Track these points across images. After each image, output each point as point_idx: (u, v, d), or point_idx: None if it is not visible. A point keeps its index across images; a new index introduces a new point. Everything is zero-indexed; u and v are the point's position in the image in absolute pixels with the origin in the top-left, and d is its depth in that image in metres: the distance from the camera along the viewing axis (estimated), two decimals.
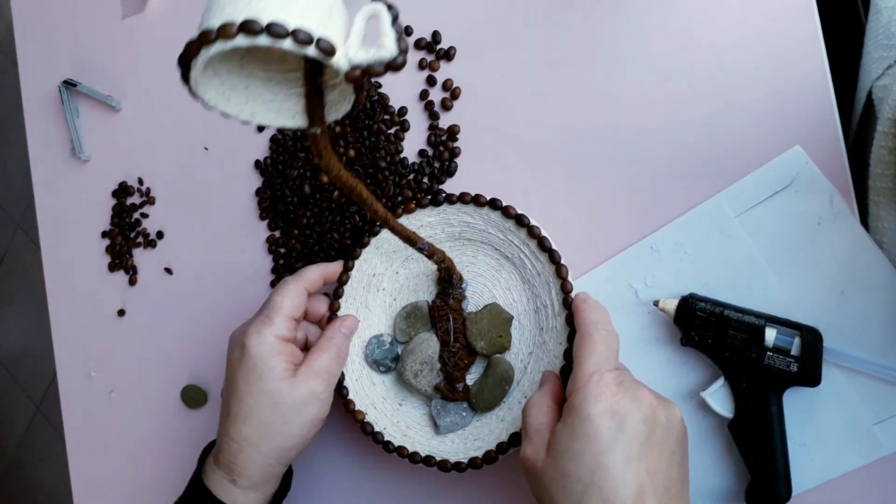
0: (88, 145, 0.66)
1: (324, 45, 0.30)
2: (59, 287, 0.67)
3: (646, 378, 0.50)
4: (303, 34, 0.30)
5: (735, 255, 0.49)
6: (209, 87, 0.35)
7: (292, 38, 0.30)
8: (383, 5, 0.32)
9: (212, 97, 0.36)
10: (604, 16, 0.53)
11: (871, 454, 0.46)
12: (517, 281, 0.53)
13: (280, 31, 0.29)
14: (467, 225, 0.52)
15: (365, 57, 0.31)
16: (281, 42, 0.30)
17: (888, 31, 0.46)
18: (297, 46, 0.30)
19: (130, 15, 0.66)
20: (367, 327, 0.54)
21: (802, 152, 0.48)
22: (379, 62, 0.31)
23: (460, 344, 0.53)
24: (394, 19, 0.32)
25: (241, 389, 0.45)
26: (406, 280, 0.54)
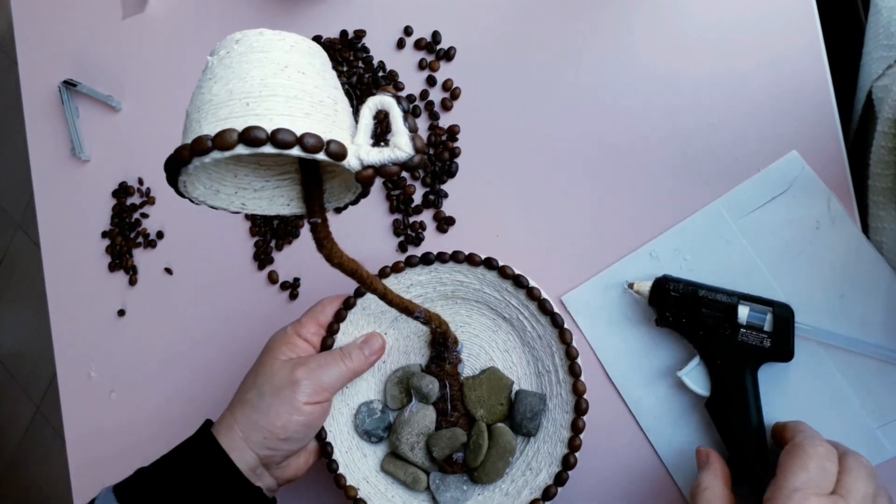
0: (88, 145, 0.66)
1: (334, 149, 0.28)
2: (59, 287, 0.67)
3: (624, 359, 0.51)
4: (311, 140, 0.27)
5: (734, 260, 0.49)
6: (197, 184, 0.32)
7: (300, 145, 0.27)
8: (392, 98, 0.30)
9: (200, 193, 0.33)
10: (604, 17, 0.53)
11: (875, 457, 0.46)
12: (516, 343, 0.50)
13: (286, 140, 0.27)
14: (461, 284, 0.49)
15: (378, 157, 0.29)
16: (288, 151, 0.27)
17: (888, 31, 0.46)
18: (306, 153, 0.27)
19: (130, 15, 0.66)
20: (356, 394, 0.51)
21: (799, 157, 0.48)
22: (393, 162, 0.29)
23: (459, 413, 0.49)
24: (405, 114, 0.30)
25: (252, 370, 0.47)
26: (396, 342, 0.51)
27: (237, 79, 0.29)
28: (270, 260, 0.60)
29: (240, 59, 0.29)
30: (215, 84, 0.29)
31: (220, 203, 0.34)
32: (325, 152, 0.28)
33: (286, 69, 0.29)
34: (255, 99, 0.28)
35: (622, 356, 0.51)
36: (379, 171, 0.30)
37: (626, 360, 0.51)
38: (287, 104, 0.28)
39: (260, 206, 0.35)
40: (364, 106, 0.30)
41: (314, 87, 0.29)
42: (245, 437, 0.44)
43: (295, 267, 0.60)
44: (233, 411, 0.45)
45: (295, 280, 0.59)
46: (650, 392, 0.50)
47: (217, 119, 0.28)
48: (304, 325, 0.48)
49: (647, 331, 0.50)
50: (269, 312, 0.60)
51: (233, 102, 0.28)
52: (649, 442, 0.50)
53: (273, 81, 0.29)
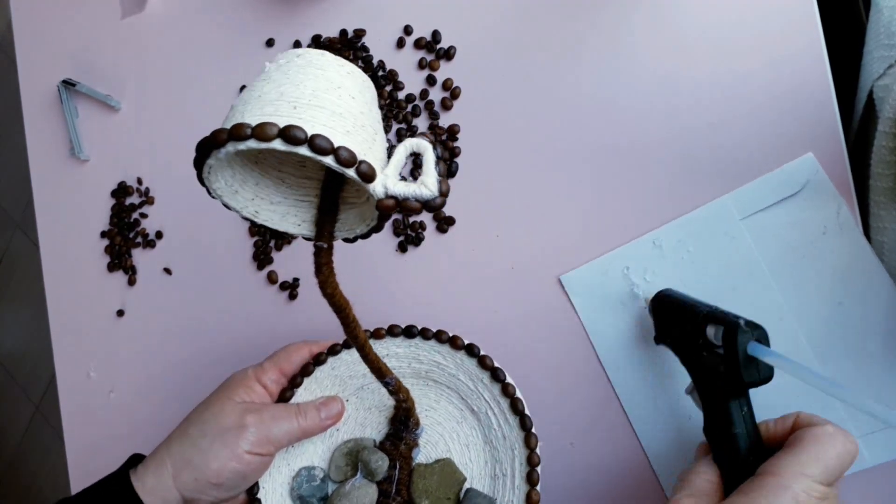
0: (87, 145, 0.66)
1: (364, 169, 0.29)
2: (58, 287, 0.66)
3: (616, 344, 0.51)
4: (346, 154, 0.28)
5: (737, 258, 0.49)
6: (220, 177, 0.33)
7: (334, 155, 0.28)
8: (429, 144, 0.31)
9: (219, 187, 0.34)
10: (605, 16, 0.53)
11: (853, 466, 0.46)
12: (478, 439, 0.48)
13: (323, 146, 0.28)
14: (437, 365, 0.48)
15: (403, 190, 0.30)
16: (322, 157, 0.28)
17: (889, 30, 0.46)
18: (339, 165, 0.28)
19: (130, 15, 0.66)
20: (300, 455, 0.49)
21: (814, 160, 0.47)
22: (417, 198, 0.30)
23: (402, 498, 0.47)
24: (438, 159, 0.31)
25: (202, 404, 0.46)
26: (355, 412, 0.49)
27: (290, 84, 0.30)
28: (270, 260, 0.60)
29: (297, 70, 0.31)
30: (267, 84, 0.30)
31: (235, 204, 0.34)
32: (356, 170, 0.29)
33: (338, 89, 0.30)
34: (302, 105, 0.29)
35: (614, 341, 0.51)
36: (401, 203, 0.30)
37: (618, 345, 0.51)
38: (331, 118, 0.29)
39: (271, 220, 0.36)
40: (400, 144, 0.31)
41: (360, 112, 0.31)
42: (175, 475, 0.41)
43: (294, 267, 0.60)
44: (169, 444, 0.43)
45: (294, 280, 0.59)
46: (639, 379, 0.50)
47: (261, 114, 0.29)
48: (265, 370, 0.47)
49: (640, 318, 0.50)
50: (269, 312, 0.60)
51: (280, 103, 0.29)
52: (633, 429, 0.51)
53: (323, 95, 0.30)
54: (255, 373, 0.46)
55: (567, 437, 0.53)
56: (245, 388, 0.45)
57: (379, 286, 0.57)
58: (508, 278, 0.54)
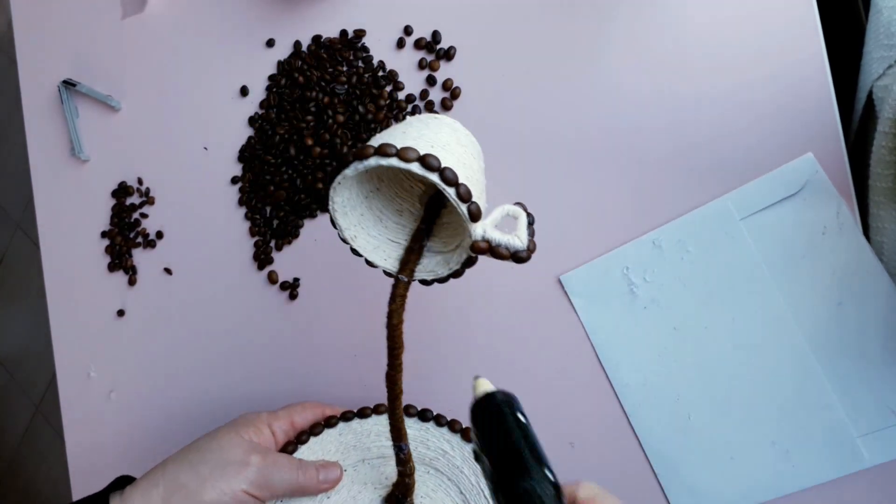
0: (88, 145, 0.66)
1: (473, 209, 0.34)
2: (58, 287, 0.67)
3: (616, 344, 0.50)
4: (464, 190, 0.33)
5: (736, 258, 0.49)
6: (343, 193, 0.38)
7: (456, 189, 0.33)
8: (523, 211, 0.36)
9: (340, 202, 0.38)
10: (607, 15, 0.53)
11: (852, 466, 0.46)
12: None
13: (451, 178, 0.33)
14: (443, 454, 0.48)
15: (499, 237, 0.34)
16: (447, 188, 0.33)
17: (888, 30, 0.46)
18: (457, 198, 0.33)
19: (130, 15, 0.66)
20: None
21: (814, 160, 0.48)
22: (507, 247, 0.35)
23: None
24: (530, 224, 0.36)
25: (208, 434, 0.46)
26: (350, 483, 0.48)
27: (429, 131, 0.36)
28: (270, 260, 0.60)
29: (436, 124, 0.37)
30: (409, 128, 0.36)
31: (342, 221, 0.39)
32: (468, 207, 0.34)
33: (464, 147, 0.37)
34: (437, 148, 0.35)
35: (614, 340, 0.51)
36: (493, 248, 0.35)
37: (618, 344, 0.51)
38: (456, 164, 0.34)
39: (364, 248, 0.41)
40: (498, 207, 0.36)
41: (476, 169, 0.37)
42: (165, 497, 0.41)
43: (295, 267, 0.60)
44: (165, 466, 0.43)
45: (295, 280, 0.59)
46: (639, 378, 0.50)
47: (403, 143, 0.34)
48: (278, 417, 0.48)
49: (641, 318, 0.51)
50: (269, 313, 0.60)
51: (419, 141, 0.35)
52: (633, 429, 0.51)
53: (454, 147, 0.36)
54: (268, 417, 0.47)
55: (567, 437, 0.53)
56: (255, 428, 0.46)
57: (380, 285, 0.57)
58: (508, 278, 0.54)
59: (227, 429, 0.46)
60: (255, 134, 0.61)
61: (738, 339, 0.49)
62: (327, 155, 0.58)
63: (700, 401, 0.49)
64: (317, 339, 0.59)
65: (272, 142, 0.59)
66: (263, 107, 0.61)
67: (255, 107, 0.62)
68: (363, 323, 0.58)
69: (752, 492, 0.48)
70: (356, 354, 0.58)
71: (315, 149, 0.58)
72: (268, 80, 0.61)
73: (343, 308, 0.58)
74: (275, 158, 0.59)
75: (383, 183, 0.41)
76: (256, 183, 0.60)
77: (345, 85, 0.58)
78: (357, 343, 0.58)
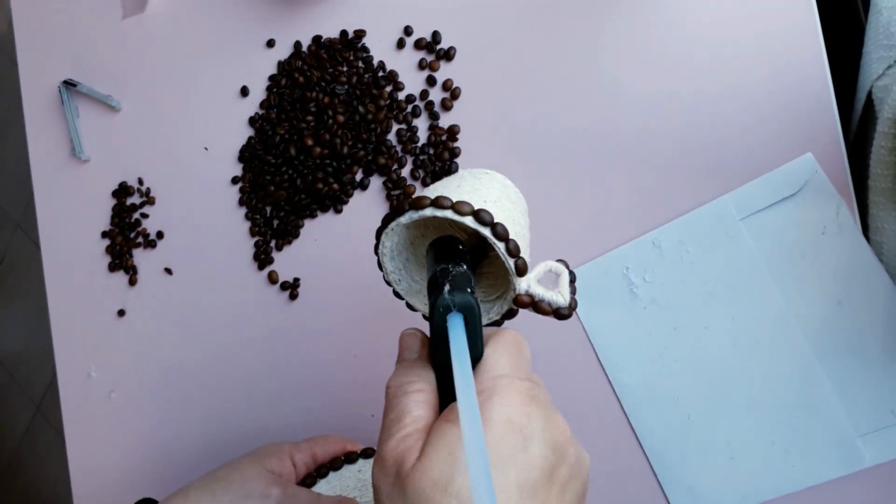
0: (88, 145, 0.66)
1: (520, 264, 0.35)
2: (58, 287, 0.67)
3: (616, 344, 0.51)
4: (514, 246, 0.35)
5: (736, 258, 0.49)
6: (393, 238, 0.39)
7: (506, 244, 0.34)
8: (566, 268, 0.37)
9: (389, 246, 0.39)
10: (607, 15, 0.53)
11: (852, 465, 0.46)
12: None
13: (501, 234, 0.34)
14: None
15: (542, 293, 0.36)
16: (498, 242, 0.34)
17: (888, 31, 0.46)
18: (506, 253, 0.34)
19: (130, 15, 0.66)
20: None
21: (813, 160, 0.48)
22: (549, 303, 0.36)
23: None
24: (571, 280, 0.37)
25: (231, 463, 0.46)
26: None
27: (483, 187, 0.38)
28: (270, 260, 0.60)
29: (488, 179, 0.39)
30: (463, 181, 0.38)
31: (389, 265, 0.40)
32: (516, 262, 0.35)
33: (513, 203, 0.39)
34: (490, 203, 0.36)
35: (614, 340, 0.51)
36: (535, 303, 0.36)
37: (618, 344, 0.51)
38: (506, 219, 0.36)
39: (406, 292, 0.42)
40: (541, 262, 0.37)
41: (523, 224, 0.39)
42: None
43: (295, 267, 0.60)
44: (188, 494, 0.44)
45: (295, 280, 0.59)
46: (639, 378, 0.51)
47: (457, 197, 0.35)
48: (300, 449, 0.48)
49: (641, 318, 0.51)
50: (269, 313, 0.60)
51: (473, 195, 0.36)
52: (633, 429, 0.51)
53: (505, 203, 0.38)
54: (290, 448, 0.48)
55: None
56: (278, 458, 0.47)
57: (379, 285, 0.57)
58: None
59: (249, 458, 0.46)
60: (255, 134, 0.61)
61: (738, 339, 0.49)
62: (327, 155, 0.58)
63: (700, 401, 0.49)
64: (317, 339, 0.59)
65: (272, 142, 0.59)
66: (264, 107, 0.61)
67: (256, 107, 0.62)
68: (363, 323, 0.58)
69: (752, 492, 0.48)
70: (356, 354, 0.58)
71: (315, 149, 0.58)
72: (268, 80, 0.61)
73: (343, 308, 0.58)
74: (275, 158, 0.59)
75: (429, 230, 0.43)
76: (257, 183, 0.60)
77: (345, 85, 0.58)
78: (357, 343, 0.58)
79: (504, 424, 0.29)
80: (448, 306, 0.32)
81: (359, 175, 0.58)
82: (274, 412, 0.59)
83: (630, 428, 0.51)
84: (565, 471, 0.29)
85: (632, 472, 0.51)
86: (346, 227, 0.58)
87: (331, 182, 0.58)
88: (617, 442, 0.52)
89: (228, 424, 0.60)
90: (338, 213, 0.58)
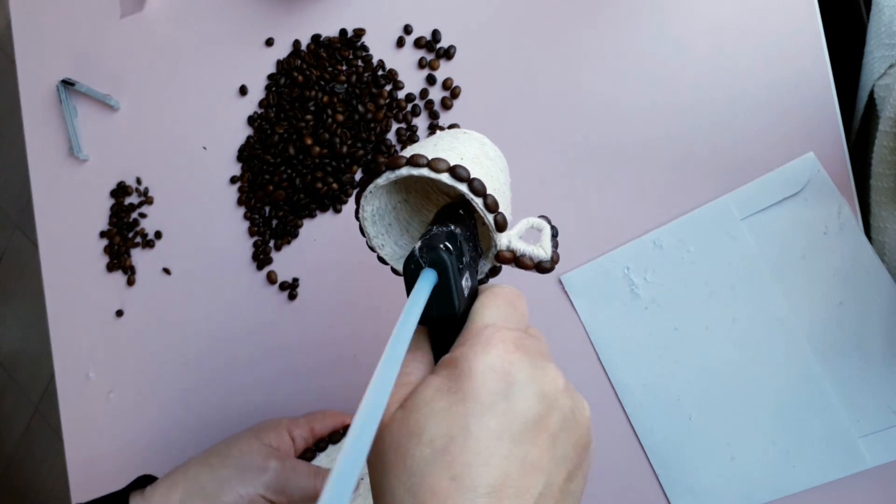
0: (87, 145, 0.66)
1: (500, 219, 0.35)
2: (57, 287, 0.66)
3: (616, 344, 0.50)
4: (492, 201, 0.35)
5: (737, 258, 0.49)
6: (373, 201, 0.39)
7: (484, 199, 0.34)
8: (547, 223, 0.37)
9: (370, 210, 0.40)
10: (608, 15, 0.53)
11: (854, 466, 0.46)
12: None
13: (479, 189, 0.34)
14: None
15: (524, 248, 0.36)
16: (475, 198, 0.34)
17: (890, 30, 0.46)
18: (484, 208, 0.34)
19: (129, 14, 0.66)
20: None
21: (815, 159, 0.47)
22: (531, 257, 0.36)
23: None
24: (553, 235, 0.37)
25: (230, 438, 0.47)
26: (367, 492, 0.48)
27: (459, 144, 0.38)
28: (269, 260, 0.60)
29: (464, 138, 0.39)
30: (440, 141, 0.38)
31: (371, 230, 0.40)
32: (495, 217, 0.35)
33: (492, 160, 0.39)
34: (467, 160, 0.36)
35: (615, 340, 0.51)
36: (517, 258, 0.36)
37: (619, 344, 0.51)
38: (484, 176, 0.35)
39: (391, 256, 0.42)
40: (524, 219, 0.37)
41: (504, 183, 0.39)
42: (183, 499, 0.42)
43: (294, 267, 0.59)
44: (186, 468, 0.44)
45: (294, 280, 0.59)
46: (639, 379, 0.50)
47: (434, 155, 0.35)
48: (298, 424, 0.48)
49: (642, 318, 0.50)
50: (268, 313, 0.60)
51: (450, 153, 0.36)
52: (633, 429, 0.51)
53: (483, 160, 0.37)
54: (288, 423, 0.48)
55: None
56: (276, 432, 0.47)
57: (379, 286, 0.57)
58: (508, 278, 0.54)
59: (247, 433, 0.46)
60: (254, 133, 0.61)
61: (740, 340, 0.49)
62: (327, 154, 0.58)
63: (701, 401, 0.49)
64: (316, 339, 0.58)
65: (271, 141, 0.59)
66: (262, 106, 0.61)
67: (255, 106, 0.61)
68: (363, 323, 0.57)
69: (753, 492, 0.48)
70: (356, 354, 0.57)
71: (314, 148, 0.57)
72: (267, 79, 0.61)
73: (342, 308, 0.58)
74: (274, 158, 0.59)
75: (411, 195, 0.43)
76: (255, 182, 0.60)
77: (344, 84, 0.58)
78: (357, 343, 0.57)
79: (484, 371, 0.27)
80: (418, 262, 0.31)
81: (358, 174, 0.58)
82: (273, 411, 0.59)
83: (631, 428, 0.51)
84: (555, 421, 0.27)
85: (633, 472, 0.51)
86: (346, 227, 0.58)
87: (330, 182, 0.58)
88: (617, 442, 0.51)
89: (227, 424, 0.60)
90: (337, 213, 0.58)
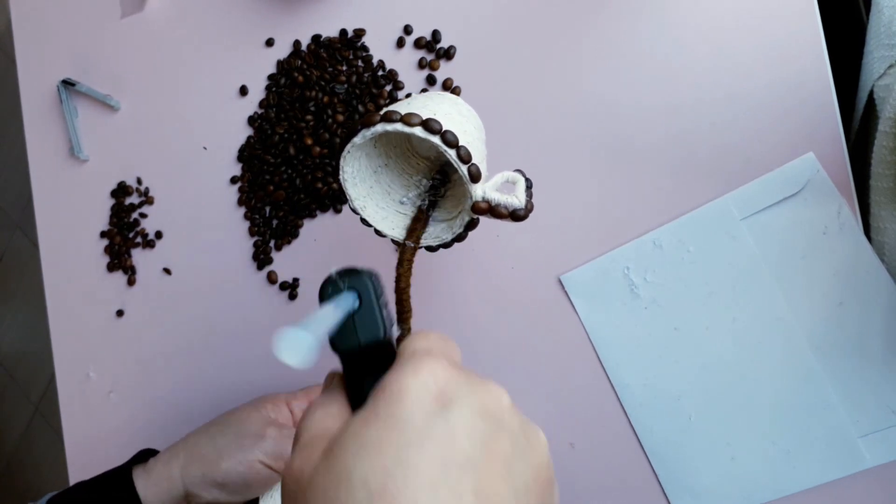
0: (87, 145, 0.66)
1: (473, 170, 0.36)
2: (57, 287, 0.66)
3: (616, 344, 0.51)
4: (464, 152, 0.36)
5: (737, 258, 0.49)
6: (353, 162, 0.40)
7: (457, 150, 0.35)
8: (522, 176, 0.38)
9: (350, 171, 0.41)
10: (608, 15, 0.53)
11: (853, 466, 0.46)
12: None
13: (451, 140, 0.35)
14: None
15: (498, 197, 0.37)
16: (448, 149, 0.35)
17: (889, 30, 0.46)
18: (457, 159, 0.35)
19: (129, 14, 0.66)
20: None
21: (815, 159, 0.47)
22: (505, 206, 0.37)
23: None
24: (528, 187, 0.38)
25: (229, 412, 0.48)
26: None
27: (431, 102, 0.39)
28: (270, 260, 0.60)
29: (438, 98, 0.40)
30: (414, 101, 0.39)
31: (352, 192, 0.41)
32: (468, 168, 0.36)
33: (465, 117, 0.39)
34: (440, 116, 0.37)
35: (615, 340, 0.51)
36: (493, 207, 0.37)
37: (619, 344, 0.51)
38: (457, 130, 0.36)
39: (373, 218, 0.43)
40: (499, 173, 0.38)
41: (477, 138, 0.39)
42: (184, 465, 0.44)
43: (294, 267, 0.59)
44: (187, 439, 0.45)
45: (294, 280, 0.59)
46: (639, 379, 0.50)
47: (406, 111, 0.36)
48: (297, 397, 0.49)
49: (642, 318, 0.50)
50: (268, 313, 0.60)
51: (424, 110, 0.37)
52: (633, 429, 0.51)
53: (455, 117, 0.38)
54: (286, 396, 0.49)
55: (567, 437, 0.52)
56: (273, 405, 0.48)
57: None
58: (508, 278, 0.54)
59: (247, 406, 0.47)
60: (254, 133, 0.61)
61: (739, 340, 0.49)
62: (327, 154, 0.58)
63: (701, 401, 0.49)
64: None
65: (271, 141, 0.59)
66: (263, 106, 0.61)
67: (255, 106, 0.61)
68: None
69: (753, 492, 0.48)
70: None
71: (315, 148, 0.57)
72: (267, 79, 0.61)
73: None
74: (274, 158, 0.59)
75: (391, 159, 0.43)
76: (256, 183, 0.60)
77: (344, 84, 0.58)
78: None
79: (417, 390, 0.23)
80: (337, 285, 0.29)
81: None
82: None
83: (631, 428, 0.51)
84: (506, 444, 0.23)
85: (632, 472, 0.51)
86: (346, 227, 0.58)
87: (330, 181, 0.58)
88: (617, 442, 0.51)
89: None
90: (337, 213, 0.58)
